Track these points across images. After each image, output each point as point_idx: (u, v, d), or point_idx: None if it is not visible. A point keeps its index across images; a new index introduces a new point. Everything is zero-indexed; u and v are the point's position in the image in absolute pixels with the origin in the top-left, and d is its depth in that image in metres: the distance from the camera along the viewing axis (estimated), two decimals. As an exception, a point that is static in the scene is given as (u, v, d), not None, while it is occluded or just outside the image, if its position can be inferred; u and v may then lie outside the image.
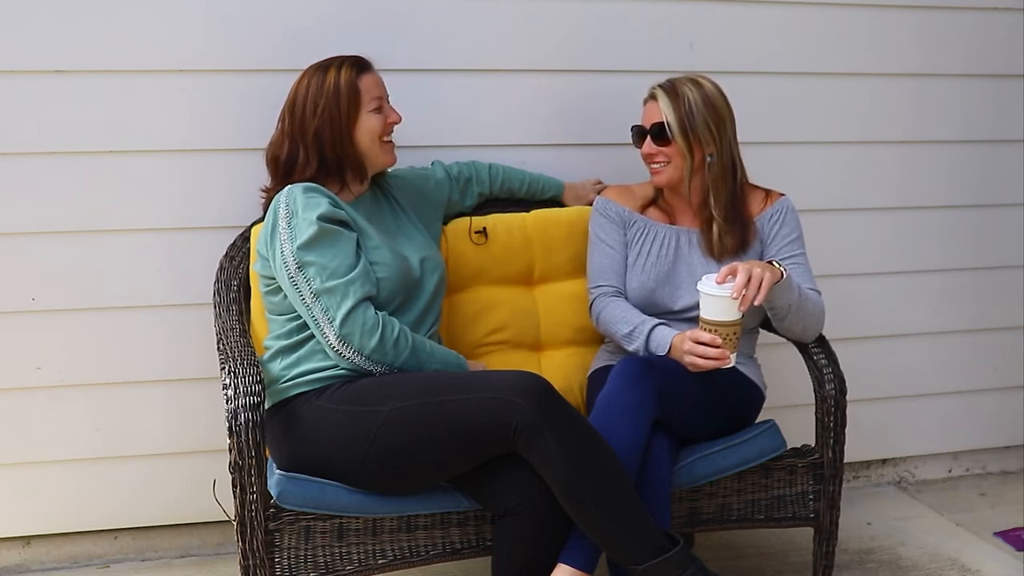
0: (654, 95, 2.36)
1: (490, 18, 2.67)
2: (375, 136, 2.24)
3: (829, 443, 2.32)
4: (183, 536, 2.77)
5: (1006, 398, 3.29)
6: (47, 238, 2.51)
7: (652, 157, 2.37)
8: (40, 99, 2.45)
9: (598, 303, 2.43)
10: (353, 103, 2.21)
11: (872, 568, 2.69)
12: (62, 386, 2.58)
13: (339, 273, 2.07)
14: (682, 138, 2.31)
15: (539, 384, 1.99)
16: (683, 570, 1.96)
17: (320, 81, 2.21)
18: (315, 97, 2.20)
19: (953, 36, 3.01)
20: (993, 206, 3.15)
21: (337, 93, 2.20)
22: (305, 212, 2.09)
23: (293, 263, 2.08)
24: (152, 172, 2.53)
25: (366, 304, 2.09)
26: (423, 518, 2.12)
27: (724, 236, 2.36)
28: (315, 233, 2.07)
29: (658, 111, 2.33)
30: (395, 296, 2.19)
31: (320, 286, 2.07)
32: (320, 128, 2.20)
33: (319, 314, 2.08)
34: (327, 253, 2.08)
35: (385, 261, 2.17)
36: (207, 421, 2.60)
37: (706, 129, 2.31)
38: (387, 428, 2.01)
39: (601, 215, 2.49)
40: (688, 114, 2.30)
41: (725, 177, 2.36)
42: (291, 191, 2.14)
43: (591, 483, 1.95)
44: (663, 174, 2.38)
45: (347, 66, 2.23)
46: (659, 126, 2.33)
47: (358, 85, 2.22)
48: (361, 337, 2.07)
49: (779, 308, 2.26)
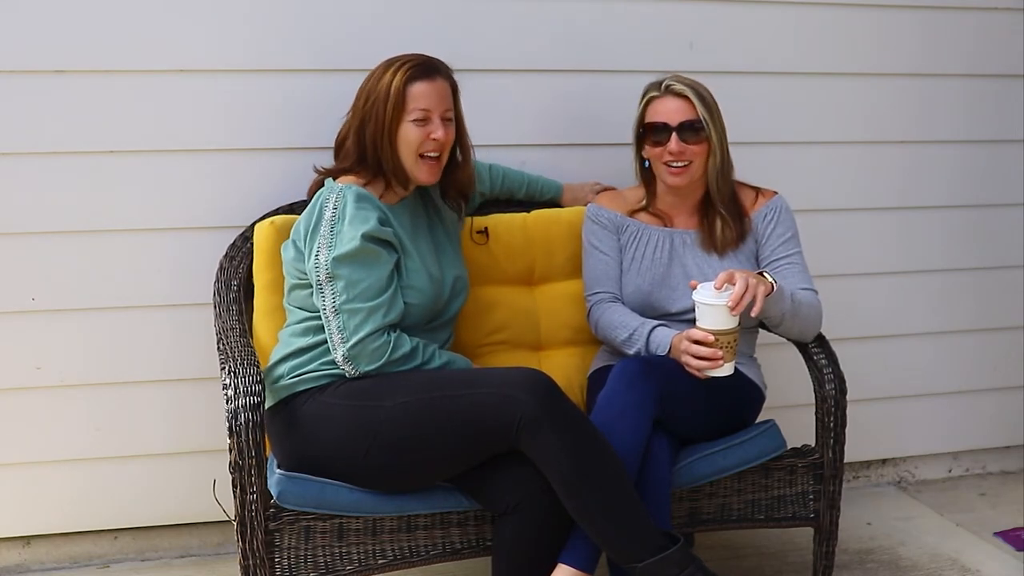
0: (678, 92, 2.31)
1: (489, 18, 2.67)
2: (412, 148, 2.16)
3: (829, 443, 2.32)
4: (183, 536, 2.77)
5: (1006, 398, 3.29)
6: (47, 238, 2.51)
7: (678, 156, 2.31)
8: (40, 99, 2.45)
9: (596, 310, 2.42)
10: (397, 109, 2.13)
11: (872, 568, 2.69)
12: (62, 386, 2.58)
13: (367, 296, 2.06)
14: (716, 134, 2.31)
15: (542, 380, 2.00)
16: (683, 569, 1.96)
17: (379, 78, 2.16)
18: (369, 92, 2.16)
19: (955, 36, 3.01)
20: (994, 206, 3.15)
21: (386, 95, 2.13)
22: (352, 224, 2.06)
23: (325, 271, 2.07)
24: (152, 172, 2.53)
25: (382, 332, 2.08)
26: (423, 518, 2.12)
27: (725, 228, 2.36)
28: (355, 249, 2.05)
29: (682, 108, 2.30)
30: (420, 321, 2.19)
31: (344, 303, 2.06)
32: (365, 122, 2.16)
33: (334, 328, 2.07)
34: (360, 272, 2.06)
35: (421, 287, 2.16)
36: (207, 421, 2.60)
37: (723, 130, 2.34)
38: (390, 423, 2.01)
39: (594, 222, 2.48)
40: (713, 109, 2.31)
41: (725, 170, 2.36)
42: (343, 194, 2.10)
43: (592, 480, 1.95)
44: (685, 175, 2.34)
45: (406, 68, 2.14)
46: (691, 123, 2.30)
47: (406, 92, 2.13)
48: (368, 362, 2.08)
49: (772, 317, 2.27)
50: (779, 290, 2.20)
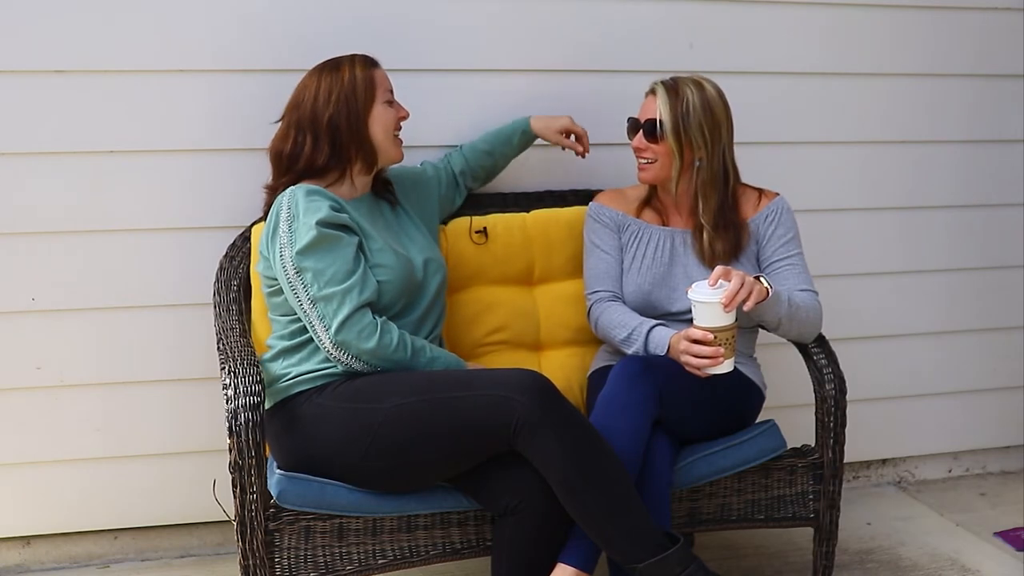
0: (654, 90, 2.34)
1: (489, 18, 2.67)
2: (388, 129, 2.26)
3: (829, 443, 2.32)
4: (183, 536, 2.77)
5: (1006, 398, 3.29)
6: (47, 238, 2.51)
7: (640, 152, 2.37)
8: (40, 99, 2.45)
9: (596, 309, 2.42)
10: (369, 94, 2.23)
11: (872, 568, 2.69)
12: (62, 386, 2.58)
13: (336, 280, 2.07)
14: (673, 139, 2.30)
15: (539, 381, 2.00)
16: (683, 568, 1.96)
17: (334, 74, 2.23)
18: (329, 88, 2.21)
19: (957, 36, 3.00)
20: (996, 206, 3.15)
21: (353, 82, 2.22)
22: (306, 216, 2.09)
23: (292, 268, 2.08)
24: (152, 172, 2.53)
25: (363, 311, 2.08)
26: (423, 518, 2.12)
27: (714, 242, 2.35)
28: (314, 238, 2.07)
29: (653, 107, 2.33)
30: (398, 300, 2.19)
31: (317, 293, 2.07)
32: (335, 116, 2.20)
33: (315, 321, 2.08)
34: (325, 259, 2.08)
35: (389, 264, 2.17)
36: (207, 421, 2.60)
37: (699, 133, 2.30)
38: (388, 425, 2.01)
39: (595, 220, 2.48)
40: (684, 115, 2.29)
41: (715, 184, 2.34)
42: (293, 193, 2.13)
43: (591, 481, 1.95)
44: (648, 171, 2.38)
45: (359, 62, 2.25)
46: (652, 123, 2.32)
47: (373, 77, 2.25)
48: (357, 343, 2.07)
49: (769, 322, 2.28)
50: (775, 295, 2.20)
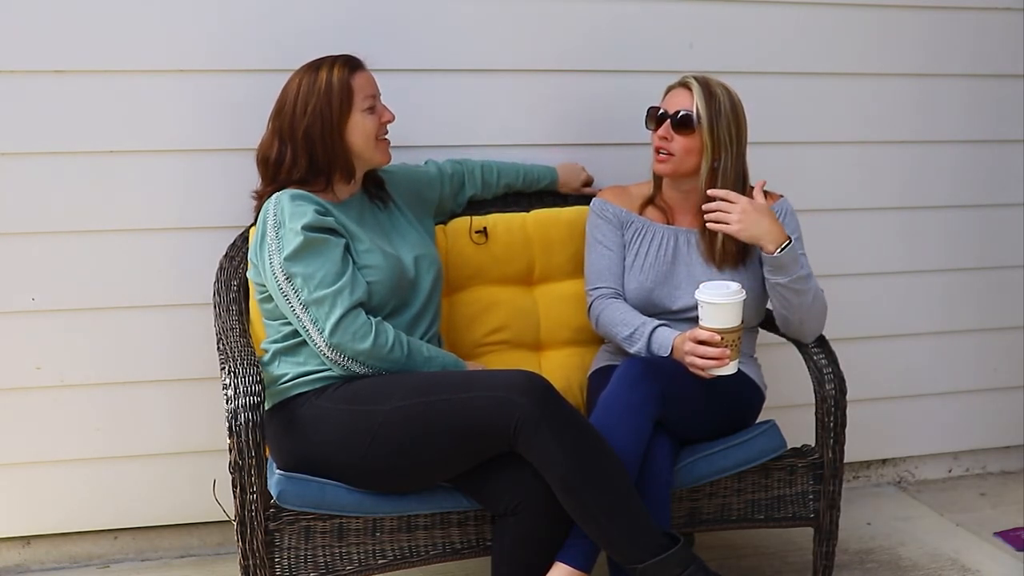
0: (687, 84, 2.33)
1: (490, 19, 2.66)
2: (370, 136, 2.21)
3: (829, 443, 2.32)
4: (183, 536, 2.77)
5: (1006, 398, 3.29)
6: (47, 238, 2.51)
7: (665, 143, 2.34)
8: (40, 99, 2.45)
9: (597, 305, 2.42)
10: (346, 102, 2.18)
11: (872, 568, 2.69)
12: (62, 386, 2.58)
13: (326, 283, 2.07)
14: (708, 133, 2.30)
15: (539, 383, 2.00)
16: (683, 568, 1.96)
17: (311, 80, 2.18)
18: (306, 96, 2.17)
19: (956, 36, 3.00)
20: (995, 206, 3.15)
21: (329, 91, 2.17)
22: (291, 222, 2.08)
23: (281, 274, 2.08)
24: (152, 172, 2.53)
25: (356, 312, 2.08)
26: (423, 518, 2.12)
27: (728, 242, 2.35)
28: (301, 243, 2.06)
29: (686, 100, 2.31)
30: (389, 299, 2.18)
31: (308, 297, 2.06)
32: (310, 127, 2.17)
33: (309, 325, 2.07)
34: (313, 263, 2.07)
35: (376, 264, 2.17)
36: (207, 421, 2.60)
37: (727, 133, 2.31)
38: (387, 427, 2.01)
39: (598, 216, 2.48)
40: (717, 113, 2.30)
41: (735, 185, 2.33)
42: (279, 200, 2.12)
43: (591, 482, 1.95)
44: (668, 163, 2.35)
45: (339, 65, 2.19)
46: (686, 115, 2.31)
47: (351, 84, 2.19)
48: (352, 344, 2.07)
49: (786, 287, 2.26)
50: (795, 245, 2.24)
